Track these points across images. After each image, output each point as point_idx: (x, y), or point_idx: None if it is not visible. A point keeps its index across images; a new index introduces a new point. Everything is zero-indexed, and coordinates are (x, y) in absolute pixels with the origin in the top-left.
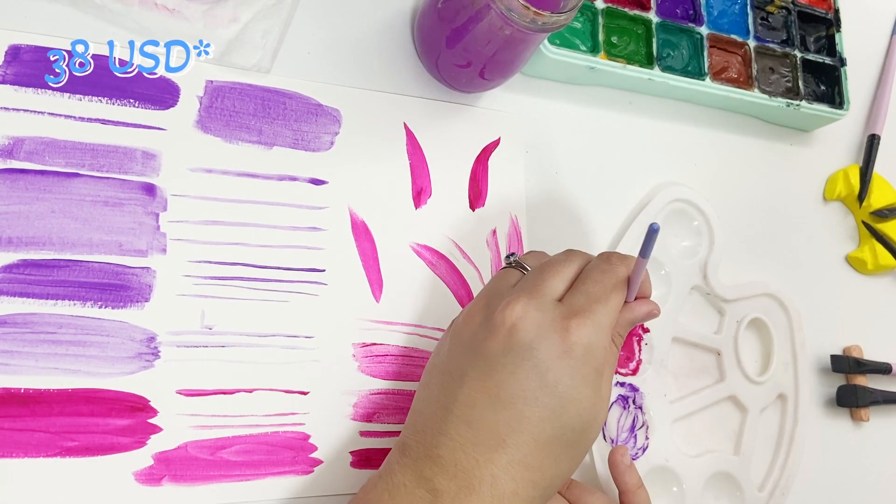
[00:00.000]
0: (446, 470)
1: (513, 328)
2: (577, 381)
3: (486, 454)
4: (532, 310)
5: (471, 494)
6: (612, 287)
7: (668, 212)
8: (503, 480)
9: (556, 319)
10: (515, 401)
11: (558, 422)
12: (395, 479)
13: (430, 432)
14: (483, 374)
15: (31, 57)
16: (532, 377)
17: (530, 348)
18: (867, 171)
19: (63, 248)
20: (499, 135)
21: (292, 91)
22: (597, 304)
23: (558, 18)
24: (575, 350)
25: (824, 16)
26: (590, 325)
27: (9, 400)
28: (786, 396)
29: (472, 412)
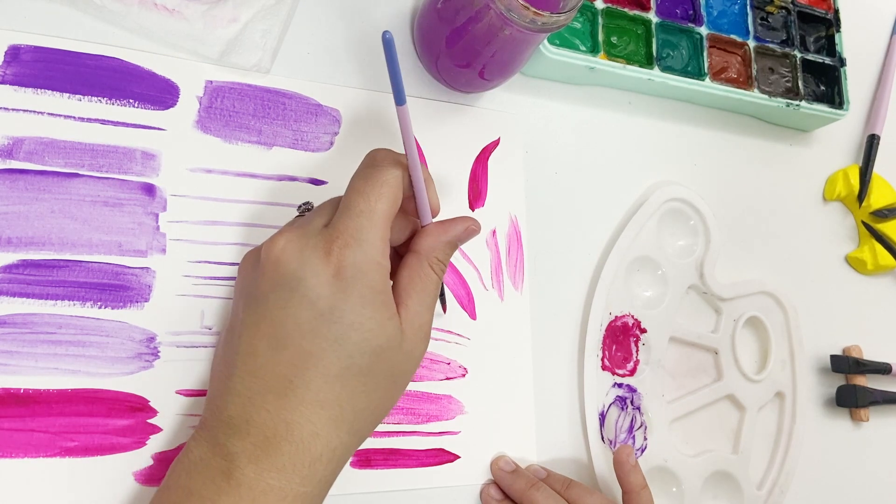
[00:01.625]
0: (239, 429)
1: (276, 262)
2: (353, 303)
3: (275, 402)
4: (294, 239)
5: (268, 448)
6: (377, 195)
7: (664, 211)
8: (299, 424)
9: (319, 244)
10: (293, 337)
11: (343, 350)
12: (192, 455)
13: (220, 395)
14: (258, 318)
15: (31, 57)
16: (304, 308)
17: (296, 279)
18: (867, 171)
19: (63, 248)
20: (498, 135)
21: (292, 91)
22: (360, 219)
23: (558, 18)
24: (344, 271)
25: (824, 16)
26: (354, 242)
27: (9, 400)
28: (784, 394)
29: (255, 360)
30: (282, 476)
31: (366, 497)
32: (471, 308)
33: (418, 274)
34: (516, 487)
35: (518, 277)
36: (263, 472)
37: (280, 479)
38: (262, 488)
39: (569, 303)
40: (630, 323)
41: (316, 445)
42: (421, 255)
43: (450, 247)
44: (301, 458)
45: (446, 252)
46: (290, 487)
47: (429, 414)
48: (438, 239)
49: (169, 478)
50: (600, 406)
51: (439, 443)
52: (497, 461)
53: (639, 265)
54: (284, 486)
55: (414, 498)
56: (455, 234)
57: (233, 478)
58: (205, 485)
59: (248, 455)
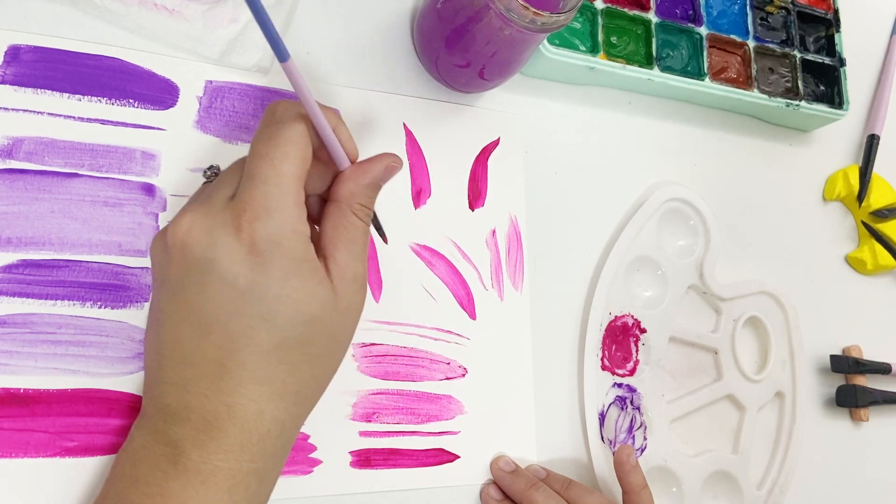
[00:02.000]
0: (178, 416)
1: (183, 246)
2: (275, 277)
3: (211, 386)
4: (199, 218)
5: (211, 431)
6: (281, 156)
7: (664, 211)
8: (241, 405)
9: (228, 219)
10: (218, 320)
11: (274, 326)
12: (135, 444)
13: (154, 385)
14: (176, 305)
15: (31, 57)
16: (223, 290)
17: (208, 260)
18: (867, 171)
19: (63, 248)
20: (498, 135)
21: (292, 91)
22: (266, 185)
23: (558, 18)
24: (258, 246)
25: (824, 16)
26: (264, 213)
27: (9, 400)
28: (783, 394)
29: (182, 347)
30: (229, 456)
31: (366, 497)
32: (471, 308)
33: (342, 223)
34: (516, 487)
35: (518, 277)
36: (210, 454)
37: (228, 460)
38: (209, 470)
39: (569, 303)
40: (630, 323)
41: (262, 422)
42: (342, 202)
43: (372, 189)
44: (248, 437)
45: (369, 195)
46: (240, 466)
47: (429, 414)
48: (358, 183)
49: (114, 468)
50: (600, 406)
51: (439, 443)
52: (497, 461)
53: (639, 265)
54: (233, 465)
55: (414, 498)
56: (375, 175)
57: (179, 463)
58: (151, 472)
59: (192, 440)
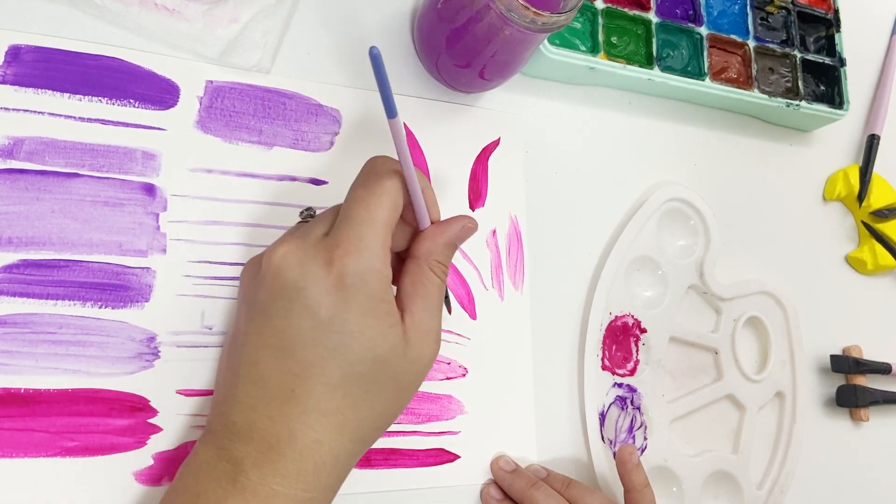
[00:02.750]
0: (243, 435)
1: (277, 272)
2: (354, 313)
3: (278, 410)
4: (294, 249)
5: (271, 454)
6: (376, 203)
7: (664, 211)
8: (302, 432)
9: (320, 253)
10: (295, 347)
11: (344, 360)
12: (199, 459)
13: (225, 402)
14: (260, 327)
15: (31, 57)
16: (305, 318)
17: (297, 288)
18: (867, 171)
19: (63, 248)
20: (498, 135)
21: (292, 91)
22: (360, 227)
23: (558, 19)
24: (345, 280)
25: (824, 16)
26: (355, 251)
27: (9, 400)
28: (784, 394)
29: (257, 370)
30: (285, 482)
31: (366, 497)
32: (471, 308)
33: (419, 279)
34: (516, 487)
35: (518, 277)
36: (267, 476)
37: (284, 485)
38: (266, 493)
39: (569, 303)
40: (630, 323)
41: (319, 453)
42: (420, 259)
43: (449, 248)
44: (305, 465)
45: (445, 254)
46: (295, 493)
47: (429, 414)
48: (436, 241)
49: (177, 480)
50: (600, 406)
51: (439, 443)
52: (497, 461)
53: (639, 265)
54: (288, 491)
55: (414, 498)
56: (452, 234)
57: (238, 482)
58: (212, 488)
59: (253, 460)
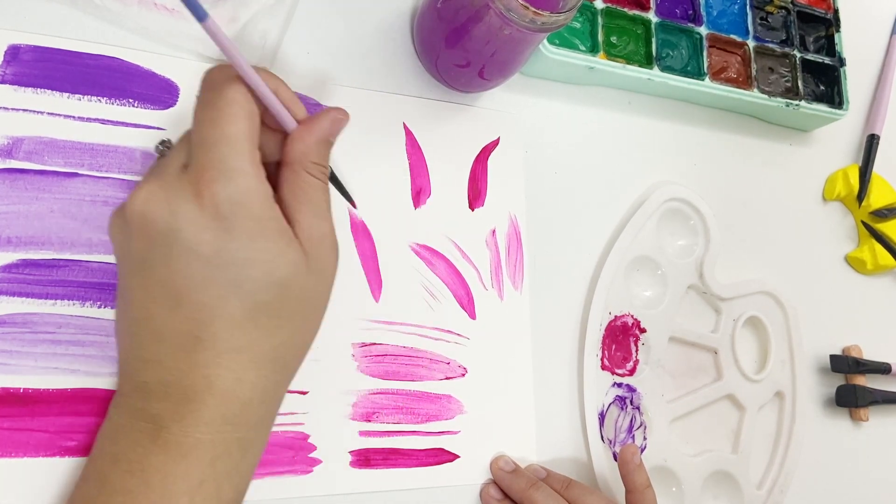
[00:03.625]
0: (157, 393)
1: (143, 218)
2: (240, 241)
3: (187, 360)
4: (156, 190)
5: (191, 404)
6: (226, 118)
7: (664, 211)
8: (218, 376)
9: (185, 187)
10: (187, 292)
11: (243, 292)
12: (113, 423)
13: (130, 363)
14: (143, 281)
15: (31, 56)
16: (189, 260)
17: (171, 230)
18: (866, 171)
19: (62, 247)
20: (498, 135)
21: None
22: (218, 148)
23: (557, 18)
24: (220, 209)
25: (824, 16)
26: (221, 175)
27: (9, 400)
28: (783, 394)
29: (153, 323)
30: (210, 428)
31: (366, 497)
32: (470, 308)
33: (299, 186)
34: (516, 487)
35: (518, 277)
36: (189, 427)
37: (209, 432)
38: (190, 443)
39: (568, 302)
40: (630, 323)
41: (242, 391)
42: (294, 164)
43: (322, 145)
44: (228, 407)
45: (320, 152)
46: (222, 437)
47: (428, 414)
48: (306, 141)
49: (94, 448)
50: (600, 406)
51: (439, 442)
52: (497, 461)
53: (638, 265)
54: (215, 437)
55: (414, 498)
56: (323, 130)
57: (159, 438)
58: (131, 448)
59: (172, 414)
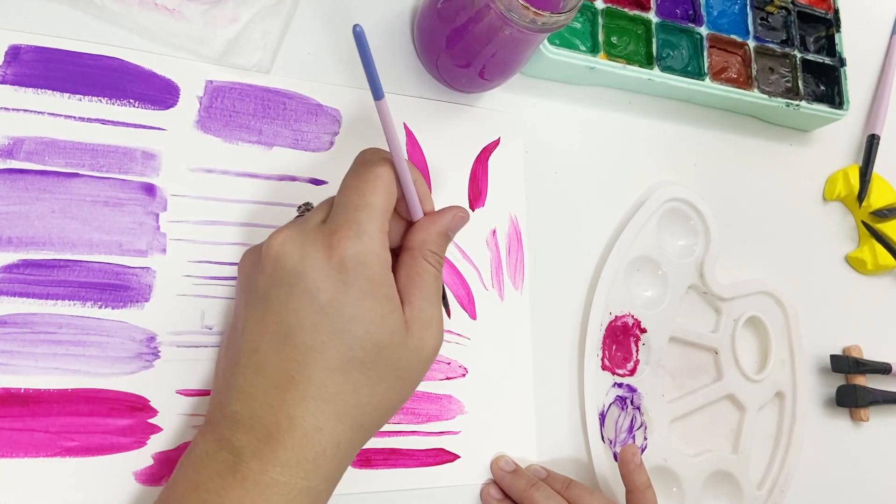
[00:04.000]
0: (243, 424)
1: (277, 258)
2: (353, 296)
3: (278, 396)
4: (293, 236)
5: (271, 442)
6: (370, 190)
7: (664, 211)
8: (302, 419)
9: (319, 238)
10: (295, 332)
11: (344, 344)
12: (198, 450)
13: (224, 392)
14: (260, 315)
15: (31, 57)
16: (305, 303)
17: (297, 273)
18: (867, 171)
19: (63, 248)
20: (498, 135)
21: (292, 91)
22: (357, 212)
23: (558, 18)
24: (345, 264)
25: (824, 16)
26: (353, 234)
27: (9, 400)
28: (784, 394)
29: (257, 357)
30: (286, 470)
31: (366, 497)
32: (471, 308)
33: (415, 269)
34: (516, 487)
35: (518, 277)
36: (267, 466)
37: (284, 474)
38: (266, 482)
39: (569, 303)
40: (630, 323)
41: (319, 440)
42: (414, 250)
43: (442, 238)
44: (305, 453)
45: (439, 243)
46: (295, 482)
47: (429, 414)
48: (429, 231)
49: (177, 472)
50: (600, 406)
51: (439, 443)
52: (497, 461)
53: (639, 265)
54: (289, 480)
55: (414, 498)
56: (445, 224)
57: (238, 472)
58: (211, 478)
59: (253, 449)
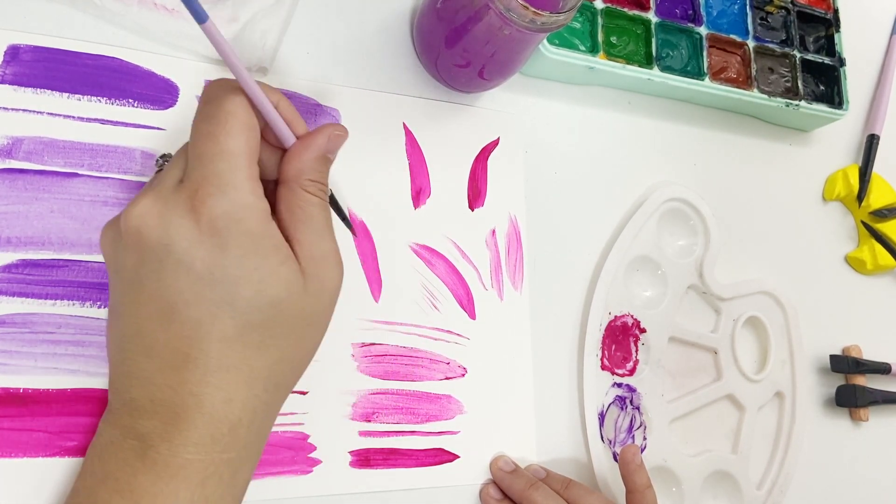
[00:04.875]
0: (145, 410)
1: (138, 232)
2: (233, 258)
3: (176, 377)
4: (150, 203)
5: (179, 423)
6: (224, 132)
7: (664, 211)
8: (208, 394)
9: (180, 201)
10: (179, 308)
11: (234, 310)
12: (102, 440)
13: (119, 379)
14: (135, 295)
15: (31, 57)
16: (181, 276)
17: (164, 246)
18: (866, 171)
19: (62, 247)
20: (498, 135)
21: (291, 91)
22: (216, 163)
23: (557, 18)
24: (215, 225)
25: (824, 16)
26: (217, 191)
27: (8, 400)
28: (783, 394)
29: (143, 340)
30: (199, 448)
31: (365, 497)
32: (470, 308)
33: (296, 203)
34: (516, 487)
35: (518, 277)
36: (178, 447)
37: (198, 452)
38: (179, 464)
39: (568, 303)
40: (629, 323)
41: (232, 411)
42: (291, 181)
43: (320, 162)
44: (218, 427)
45: (318, 169)
46: (211, 458)
47: (428, 414)
48: (303, 158)
49: (84, 464)
50: (600, 406)
51: (439, 442)
52: (496, 461)
53: (638, 265)
54: (204, 457)
55: (414, 498)
56: (320, 146)
57: (147, 457)
58: (119, 468)
59: (160, 434)
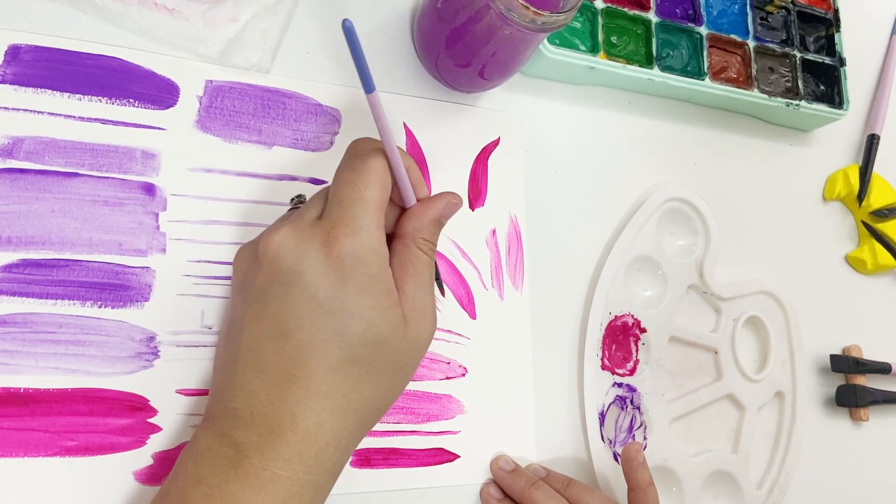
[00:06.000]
0: (244, 421)
1: (274, 256)
2: (352, 293)
3: (278, 394)
4: (290, 233)
5: (273, 438)
6: (364, 183)
7: (664, 210)
8: (303, 415)
9: (316, 236)
10: (294, 331)
11: (343, 341)
12: (199, 445)
13: (225, 389)
14: (258, 313)
15: (31, 56)
16: (303, 301)
17: (294, 271)
18: (867, 171)
19: (63, 247)
20: (498, 134)
21: (292, 91)
22: (353, 208)
23: (557, 18)
24: (343, 261)
25: (824, 16)
26: (350, 231)
27: (9, 400)
28: (783, 394)
29: (257, 356)
30: (288, 465)
31: (366, 497)
32: (471, 308)
33: (407, 258)
34: (516, 487)
35: (518, 277)
36: (269, 461)
37: (286, 469)
38: (268, 477)
39: (569, 302)
40: (630, 322)
41: (321, 435)
42: (406, 237)
43: (434, 225)
44: (307, 448)
45: (431, 231)
46: (297, 476)
47: (428, 413)
48: (421, 219)
49: (178, 466)
50: (600, 405)
51: (439, 442)
52: (497, 460)
53: (639, 265)
54: (291, 475)
55: (414, 498)
56: (437, 211)
57: (240, 466)
58: (213, 473)
59: (254, 445)
